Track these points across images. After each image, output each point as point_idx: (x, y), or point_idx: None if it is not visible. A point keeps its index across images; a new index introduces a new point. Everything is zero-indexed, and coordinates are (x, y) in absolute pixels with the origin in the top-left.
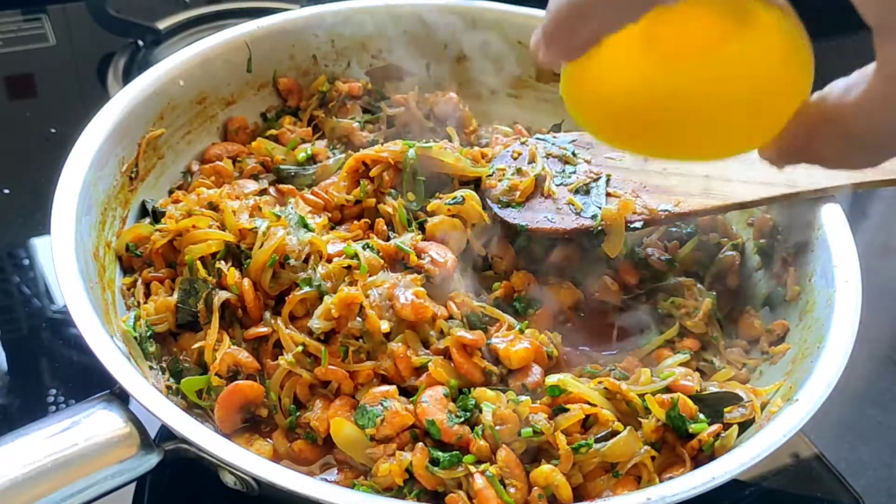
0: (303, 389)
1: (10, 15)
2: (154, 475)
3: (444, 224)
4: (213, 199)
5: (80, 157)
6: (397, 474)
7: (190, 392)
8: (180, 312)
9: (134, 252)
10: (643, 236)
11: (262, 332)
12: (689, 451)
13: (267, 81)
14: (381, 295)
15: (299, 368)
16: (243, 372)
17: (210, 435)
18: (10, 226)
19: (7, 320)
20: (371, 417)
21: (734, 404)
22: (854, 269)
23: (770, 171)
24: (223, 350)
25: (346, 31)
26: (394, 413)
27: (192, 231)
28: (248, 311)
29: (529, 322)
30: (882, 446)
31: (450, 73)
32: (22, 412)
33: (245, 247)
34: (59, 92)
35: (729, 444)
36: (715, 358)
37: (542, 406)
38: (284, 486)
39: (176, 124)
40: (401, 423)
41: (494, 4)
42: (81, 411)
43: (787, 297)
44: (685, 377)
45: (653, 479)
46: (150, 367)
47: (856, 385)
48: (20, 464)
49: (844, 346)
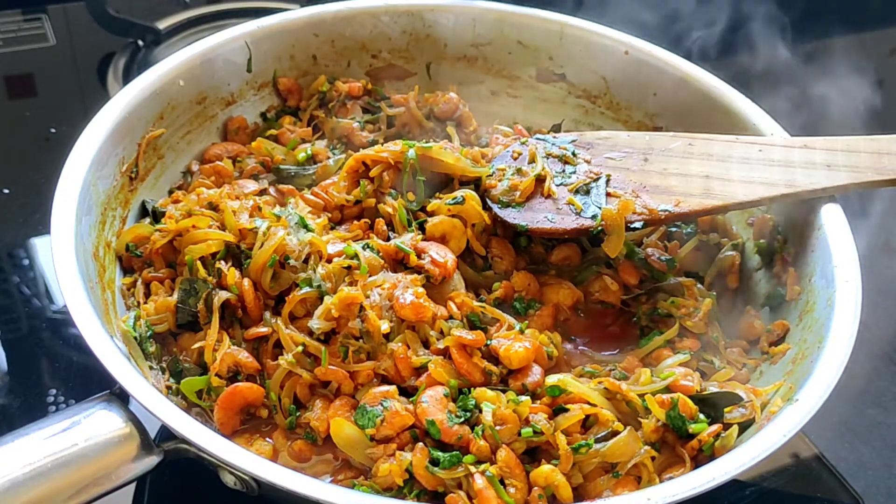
0: (303, 389)
1: (10, 15)
2: (154, 475)
3: (444, 224)
4: (213, 199)
5: (80, 157)
6: (397, 474)
7: (190, 392)
8: (180, 312)
9: (134, 252)
10: (643, 236)
11: (262, 332)
12: (689, 451)
13: (267, 81)
14: (381, 295)
15: (299, 368)
16: (243, 372)
17: (210, 435)
18: (10, 226)
19: (7, 320)
20: (371, 417)
21: (734, 404)
22: (854, 269)
23: (770, 170)
24: (223, 350)
25: (346, 31)
26: (394, 413)
27: (192, 231)
28: (248, 311)
29: (529, 322)
30: (882, 446)
31: (450, 73)
32: (22, 412)
33: (245, 247)
34: (59, 92)
35: (729, 445)
36: (715, 358)
37: (542, 406)
38: (284, 486)
39: (176, 124)
40: (401, 423)
41: (494, 4)
42: (81, 411)
43: (787, 297)
44: (685, 377)
45: (653, 480)
46: (150, 367)
47: (856, 385)
48: (20, 464)
49: (844, 346)
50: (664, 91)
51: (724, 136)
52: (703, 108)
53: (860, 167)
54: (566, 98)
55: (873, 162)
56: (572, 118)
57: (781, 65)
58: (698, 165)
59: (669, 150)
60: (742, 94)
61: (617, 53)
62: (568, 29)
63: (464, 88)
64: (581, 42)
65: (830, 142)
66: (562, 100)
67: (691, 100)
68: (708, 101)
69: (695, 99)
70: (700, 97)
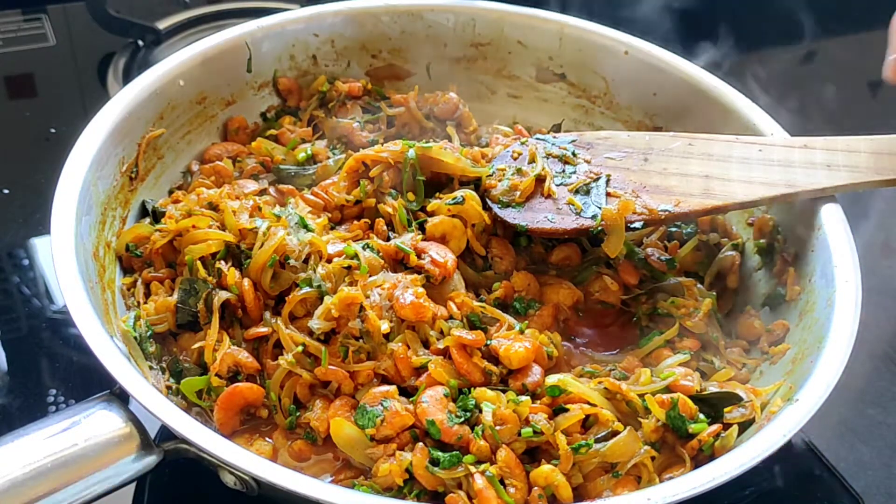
0: (303, 389)
1: (10, 15)
2: (154, 475)
3: (444, 224)
4: (214, 199)
5: (80, 157)
6: (397, 474)
7: (190, 392)
8: (180, 312)
9: (134, 252)
10: (643, 236)
11: (263, 332)
12: (690, 451)
13: (267, 81)
14: (382, 295)
15: (299, 368)
16: (243, 372)
17: (210, 435)
18: (10, 226)
19: (7, 320)
20: (371, 417)
21: (734, 404)
22: (854, 269)
23: (770, 170)
24: (223, 350)
25: (346, 31)
26: (394, 413)
27: (192, 231)
28: (248, 312)
29: (529, 322)
30: (882, 446)
31: (450, 73)
32: (22, 412)
33: (245, 247)
34: (59, 92)
35: (729, 444)
36: (715, 358)
37: (542, 406)
38: (284, 486)
39: (176, 124)
40: (401, 423)
41: (494, 4)
42: (81, 411)
43: (787, 297)
44: (685, 377)
45: (653, 480)
46: (150, 367)
47: (856, 385)
48: (20, 464)
49: (844, 346)
50: (664, 91)
51: (724, 136)
52: (703, 108)
53: (860, 167)
54: (566, 98)
55: (873, 162)
56: (572, 118)
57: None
58: (698, 165)
59: (669, 150)
60: (742, 95)
61: (617, 53)
62: (568, 29)
63: (464, 88)
64: (581, 42)
65: (830, 142)
66: (562, 100)
67: (691, 100)
68: (708, 101)
69: (695, 99)
70: (700, 97)
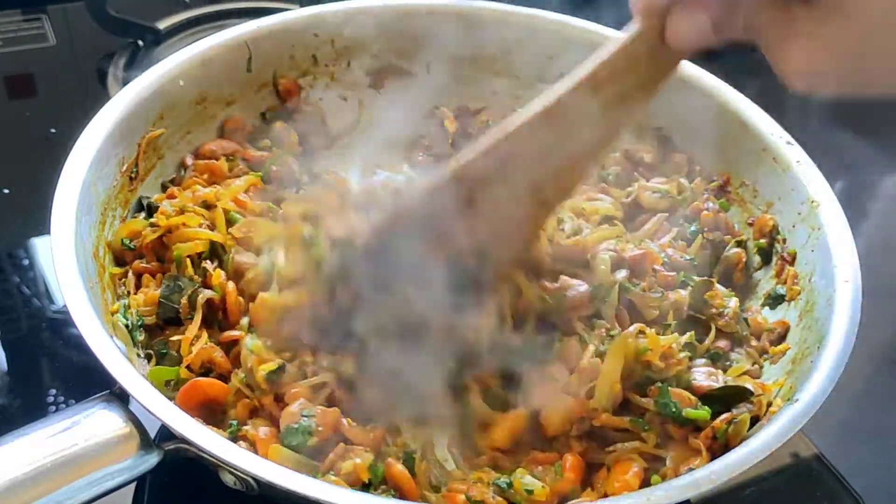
0: (243, 411)
1: (10, 15)
2: (154, 475)
3: None
4: (209, 199)
5: (80, 157)
6: (362, 471)
7: (158, 381)
8: (162, 307)
9: (127, 246)
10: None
11: (235, 335)
12: (704, 440)
13: (267, 81)
14: None
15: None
16: (216, 370)
17: (210, 435)
18: (10, 226)
19: (7, 320)
20: (302, 433)
21: (742, 401)
22: (854, 269)
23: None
24: (199, 345)
25: (346, 31)
26: (322, 414)
27: (182, 229)
28: (228, 314)
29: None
30: (882, 447)
31: (450, 73)
32: (22, 412)
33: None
34: (59, 92)
35: (742, 431)
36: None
37: None
38: (284, 486)
39: (176, 124)
40: (333, 419)
41: (494, 4)
42: (81, 411)
43: (787, 297)
44: (709, 377)
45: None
46: (136, 354)
47: (856, 385)
48: (20, 464)
49: (844, 346)
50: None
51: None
52: (703, 108)
53: None
54: None
55: None
56: None
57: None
58: None
59: None
60: (742, 95)
61: None
62: (568, 29)
63: (464, 88)
64: (581, 42)
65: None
66: None
67: (691, 100)
68: (708, 100)
69: (695, 99)
70: (700, 97)
